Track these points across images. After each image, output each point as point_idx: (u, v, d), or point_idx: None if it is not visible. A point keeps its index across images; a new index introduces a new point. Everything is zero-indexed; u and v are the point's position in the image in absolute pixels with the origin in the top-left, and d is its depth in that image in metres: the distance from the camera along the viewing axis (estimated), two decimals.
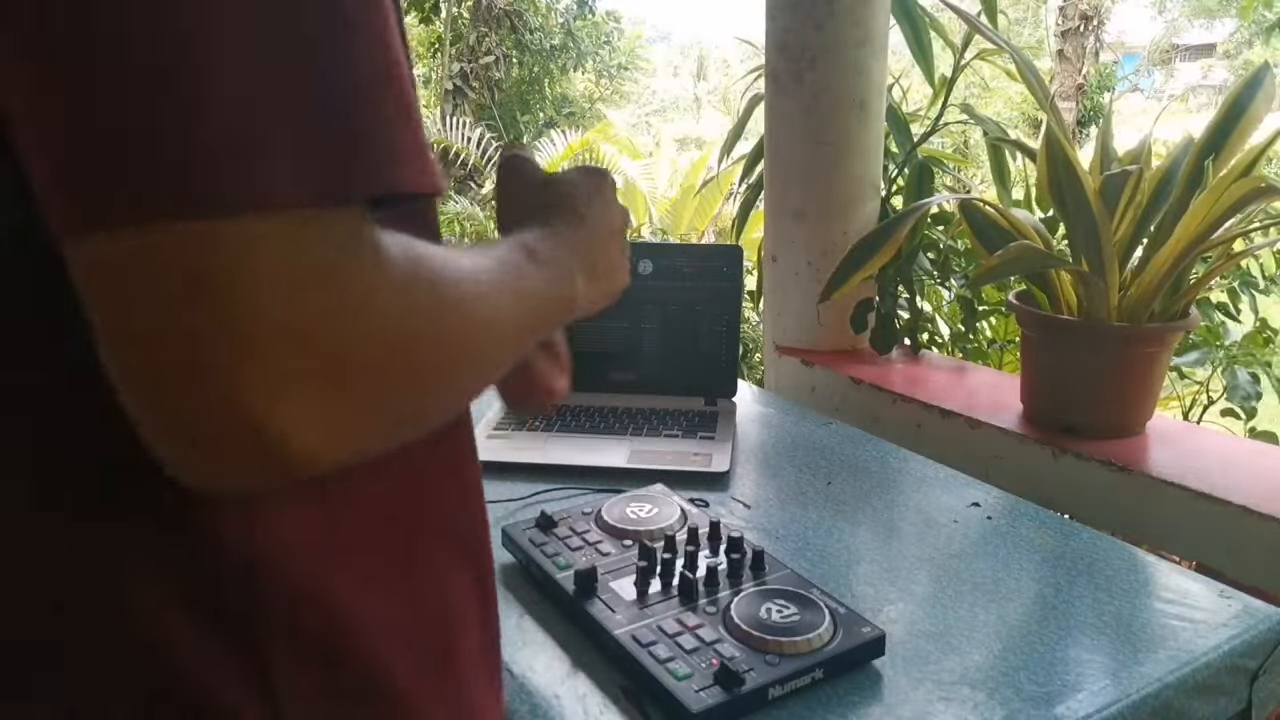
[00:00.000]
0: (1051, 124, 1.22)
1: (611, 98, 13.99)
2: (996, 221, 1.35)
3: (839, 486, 1.12)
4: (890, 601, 0.87)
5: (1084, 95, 10.70)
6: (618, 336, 1.38)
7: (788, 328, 1.73)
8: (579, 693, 0.75)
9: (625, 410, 1.30)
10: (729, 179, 5.01)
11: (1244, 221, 1.19)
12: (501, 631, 0.83)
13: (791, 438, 1.28)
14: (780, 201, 1.68)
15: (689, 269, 1.39)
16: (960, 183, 2.34)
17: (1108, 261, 1.19)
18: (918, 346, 1.72)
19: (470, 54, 9.94)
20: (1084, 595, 0.88)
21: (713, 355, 1.37)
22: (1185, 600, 0.86)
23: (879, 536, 1.02)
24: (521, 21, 10.51)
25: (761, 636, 0.76)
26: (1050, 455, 1.28)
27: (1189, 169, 1.24)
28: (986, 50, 1.65)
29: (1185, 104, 14.19)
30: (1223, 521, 1.10)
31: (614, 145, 7.22)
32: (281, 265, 0.33)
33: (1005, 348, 1.91)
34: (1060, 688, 0.74)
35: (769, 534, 1.00)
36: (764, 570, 0.86)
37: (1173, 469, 1.18)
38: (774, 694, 0.72)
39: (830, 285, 1.38)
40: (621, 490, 1.04)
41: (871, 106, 1.59)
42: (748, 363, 3.32)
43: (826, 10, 1.54)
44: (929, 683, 0.75)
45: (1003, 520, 1.03)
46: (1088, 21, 10.45)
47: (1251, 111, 1.23)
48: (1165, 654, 0.79)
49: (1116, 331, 1.24)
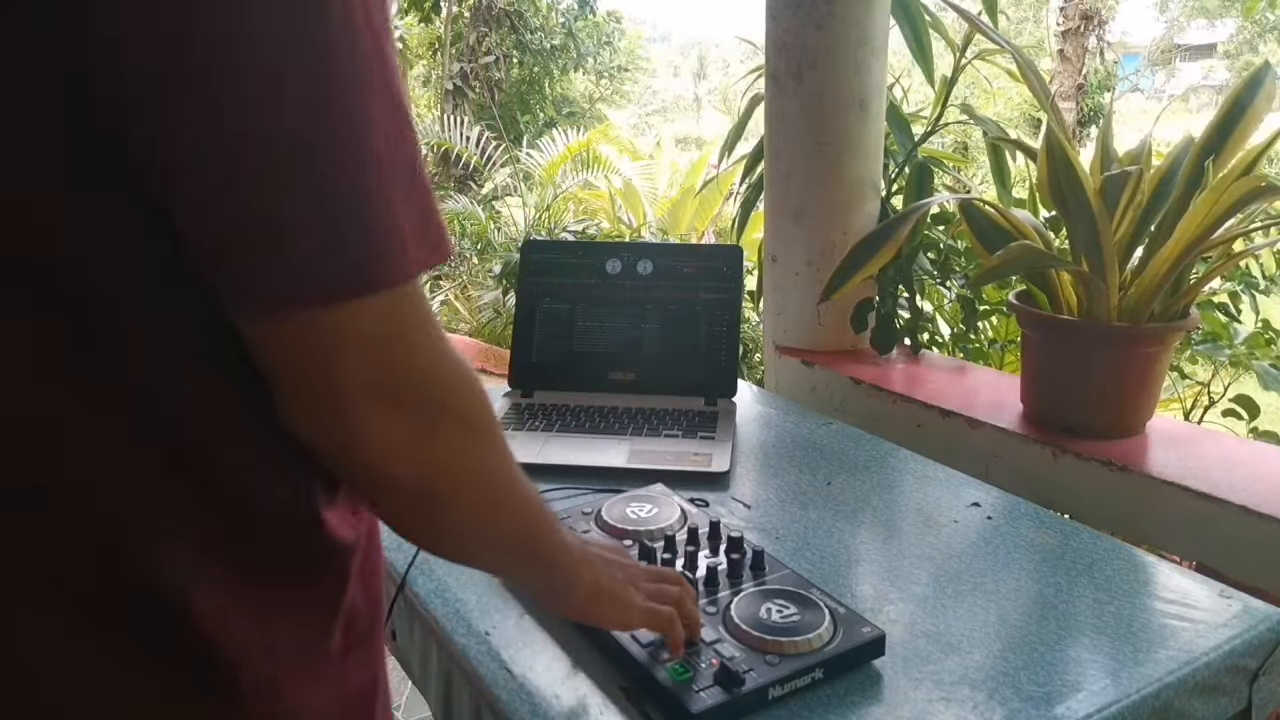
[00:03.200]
0: (1052, 124, 1.22)
1: (612, 98, 13.99)
2: (996, 221, 1.34)
3: (839, 486, 1.12)
4: (890, 601, 0.87)
5: (1084, 95, 10.69)
6: (618, 336, 1.38)
7: (788, 328, 1.73)
8: (579, 693, 0.75)
9: (625, 410, 1.30)
10: (729, 179, 5.01)
11: (1244, 221, 1.19)
12: (502, 631, 0.83)
13: (791, 438, 1.28)
14: (780, 201, 1.67)
15: (689, 269, 1.39)
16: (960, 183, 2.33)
17: (1108, 261, 1.19)
18: (918, 346, 1.72)
19: (470, 54, 9.94)
20: (1084, 595, 0.88)
21: (713, 355, 1.37)
22: (1185, 600, 0.86)
23: (879, 536, 1.02)
24: (522, 21, 10.50)
25: (761, 636, 0.76)
26: (1050, 455, 1.28)
27: (1189, 169, 1.24)
28: (987, 50, 1.65)
29: (1186, 104, 14.18)
30: (1223, 521, 1.10)
31: (614, 146, 7.22)
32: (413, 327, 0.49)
33: (1005, 348, 1.91)
34: (1060, 688, 0.74)
35: (769, 534, 1.00)
36: (764, 570, 0.85)
37: (1173, 469, 1.18)
38: (774, 694, 0.72)
39: (830, 285, 1.38)
40: (621, 490, 1.04)
41: (871, 106, 1.59)
42: (748, 363, 3.32)
43: (826, 10, 1.54)
44: (929, 683, 0.75)
45: (1003, 520, 1.03)
46: (1088, 21, 10.44)
47: (1252, 111, 1.23)
48: (1165, 654, 0.78)
49: (1116, 331, 1.24)
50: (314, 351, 0.46)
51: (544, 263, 1.42)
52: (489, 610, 0.86)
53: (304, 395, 0.48)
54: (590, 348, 1.37)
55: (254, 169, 0.43)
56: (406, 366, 0.49)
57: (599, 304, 1.39)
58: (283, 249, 0.44)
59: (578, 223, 5.46)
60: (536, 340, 1.39)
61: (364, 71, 0.44)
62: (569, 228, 5.21)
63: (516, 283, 1.52)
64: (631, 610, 0.72)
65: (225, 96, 0.42)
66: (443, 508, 0.55)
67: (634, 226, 6.10)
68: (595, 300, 1.39)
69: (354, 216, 0.44)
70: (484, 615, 0.85)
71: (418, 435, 0.50)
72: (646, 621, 0.73)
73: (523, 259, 1.43)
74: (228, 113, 0.42)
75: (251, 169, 0.43)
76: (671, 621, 0.73)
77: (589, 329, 1.38)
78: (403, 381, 0.49)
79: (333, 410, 0.48)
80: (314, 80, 0.43)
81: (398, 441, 0.50)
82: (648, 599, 0.73)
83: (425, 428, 0.51)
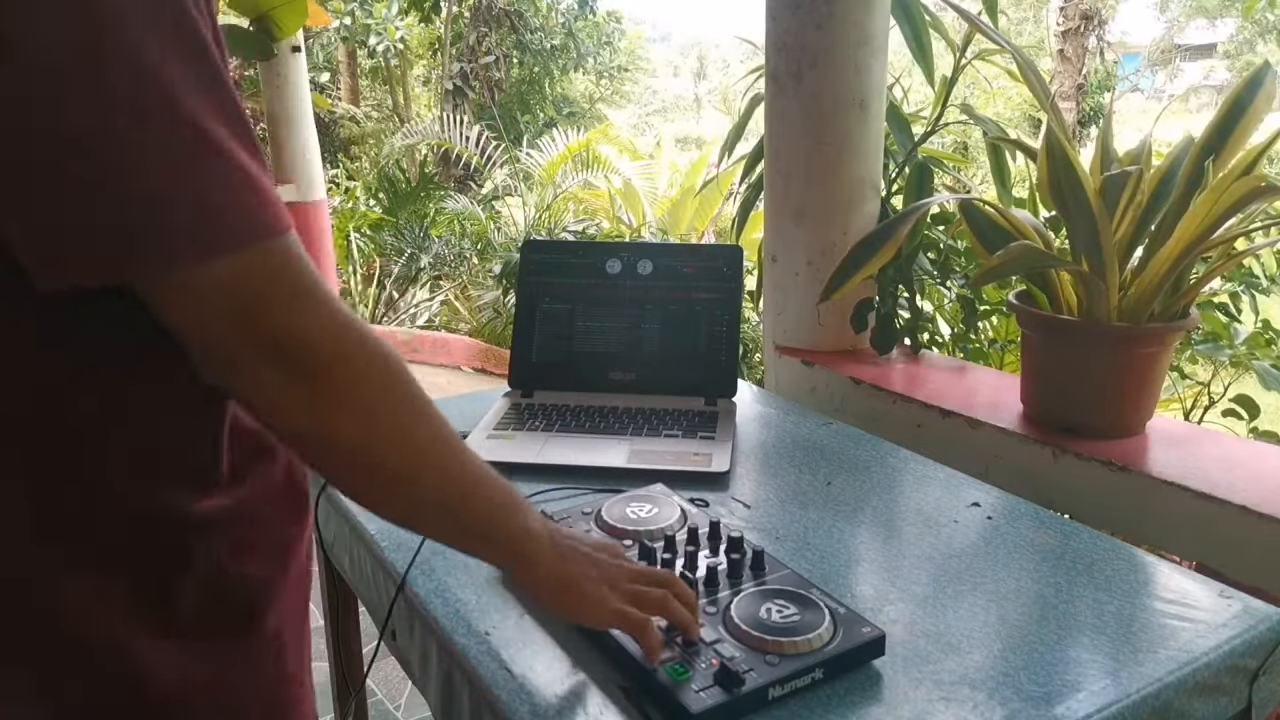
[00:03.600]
0: (1052, 124, 1.22)
1: (612, 98, 13.98)
2: (996, 221, 1.34)
3: (839, 486, 1.12)
4: (890, 601, 0.87)
5: (1084, 95, 10.68)
6: (618, 336, 1.38)
7: (788, 328, 1.73)
8: (579, 693, 0.75)
9: (625, 410, 1.30)
10: (729, 179, 5.01)
11: (1244, 221, 1.19)
12: (502, 631, 0.83)
13: (791, 438, 1.28)
14: (780, 201, 1.67)
15: (689, 269, 1.39)
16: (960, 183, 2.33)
17: (1108, 261, 1.19)
18: (918, 346, 1.72)
19: (470, 54, 9.94)
20: (1084, 595, 0.88)
21: (713, 355, 1.37)
22: (1185, 600, 0.86)
23: (879, 536, 1.02)
24: (522, 21, 10.50)
25: (761, 636, 0.76)
26: (1050, 455, 1.28)
27: (1189, 169, 1.24)
28: (987, 50, 1.65)
29: (1186, 104, 14.18)
30: (1223, 521, 1.10)
31: (614, 146, 7.22)
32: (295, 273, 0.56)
33: (1005, 348, 1.91)
34: (1060, 688, 0.74)
35: (769, 534, 1.00)
36: (764, 570, 0.85)
37: (1173, 469, 1.18)
38: (774, 694, 0.72)
39: (830, 285, 1.38)
40: (621, 490, 1.04)
41: (871, 106, 1.59)
42: (748, 363, 3.32)
43: (826, 10, 1.54)
44: (929, 683, 0.75)
45: (1003, 520, 1.03)
46: (1088, 21, 10.44)
47: (1252, 111, 1.23)
48: (1165, 654, 0.78)
49: (1116, 331, 1.24)
50: (191, 313, 0.53)
51: (544, 263, 1.42)
52: (489, 610, 0.86)
53: (208, 356, 0.56)
54: (590, 348, 1.37)
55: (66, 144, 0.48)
56: (277, 325, 0.54)
57: (599, 304, 1.39)
58: (121, 214, 0.50)
59: (578, 223, 5.46)
60: (536, 340, 1.39)
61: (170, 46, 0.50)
62: (569, 228, 5.21)
63: (516, 283, 1.52)
64: (603, 609, 0.73)
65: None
66: (350, 463, 0.60)
67: (634, 226, 6.10)
68: (595, 300, 1.39)
69: (188, 183, 0.51)
70: (484, 615, 0.85)
71: (312, 390, 0.56)
72: (617, 622, 0.73)
73: (523, 259, 1.43)
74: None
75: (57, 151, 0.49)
76: (643, 626, 0.73)
77: (589, 329, 1.38)
78: (280, 340, 0.55)
79: (231, 367, 0.55)
80: (125, 52, 0.48)
81: (291, 395, 0.56)
82: (625, 599, 0.73)
83: (318, 384, 0.56)
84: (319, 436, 0.58)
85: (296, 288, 0.55)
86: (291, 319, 0.55)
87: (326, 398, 0.57)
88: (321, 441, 0.58)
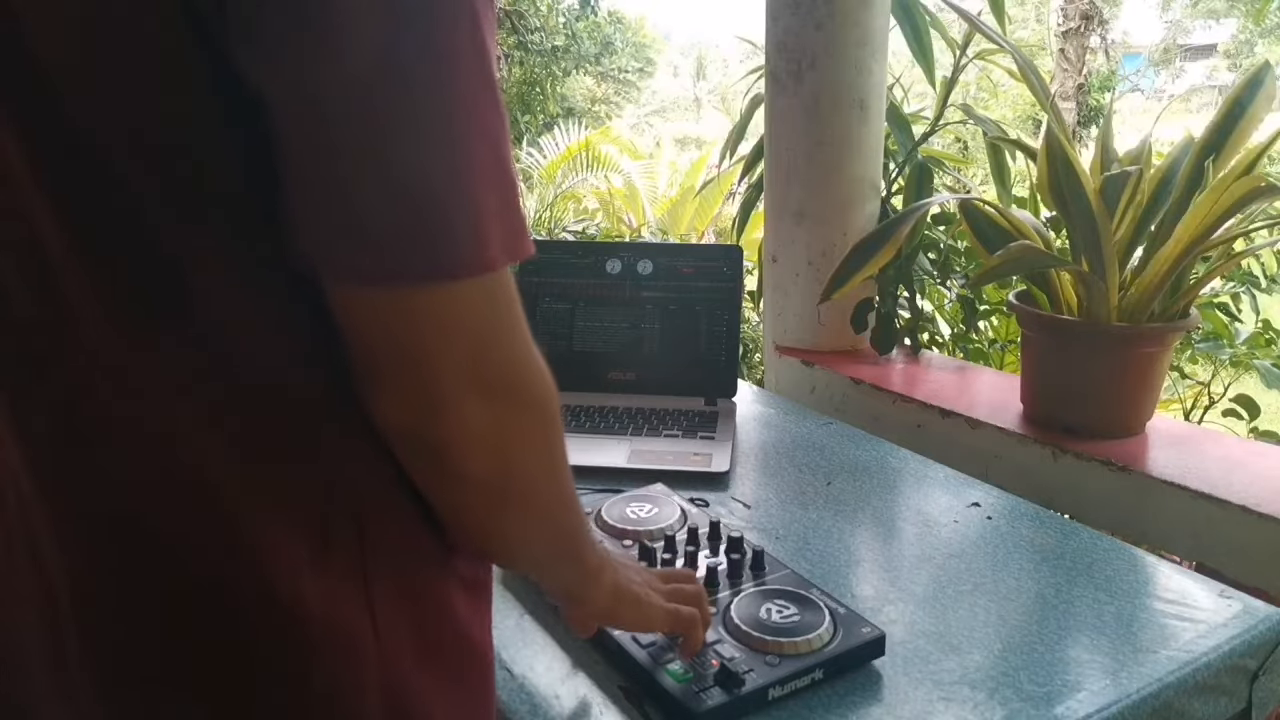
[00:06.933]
0: (1052, 124, 1.22)
1: (613, 99, 13.98)
2: (996, 221, 1.34)
3: (839, 486, 1.12)
4: (890, 601, 0.87)
5: (1085, 95, 10.68)
6: (618, 336, 1.38)
7: (788, 328, 1.73)
8: (579, 693, 0.75)
9: (625, 410, 1.30)
10: (729, 179, 5.01)
11: (1244, 221, 1.19)
12: (502, 632, 0.83)
13: (791, 438, 1.28)
14: (780, 202, 1.67)
15: (689, 269, 1.39)
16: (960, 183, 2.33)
17: (1108, 261, 1.19)
18: (918, 346, 1.72)
19: None
20: (1084, 595, 0.88)
21: (713, 355, 1.37)
22: (1185, 600, 0.86)
23: (879, 536, 1.02)
24: (522, 22, 10.50)
25: (761, 637, 0.76)
26: (1050, 455, 1.27)
27: (1189, 169, 1.24)
28: (987, 50, 1.65)
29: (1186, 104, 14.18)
30: (1223, 521, 1.10)
31: (615, 146, 7.22)
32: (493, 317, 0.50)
33: (1005, 348, 1.91)
34: (1060, 688, 0.74)
35: (769, 534, 1.00)
36: (764, 570, 0.85)
37: (1173, 469, 1.18)
38: (774, 694, 0.72)
39: (830, 285, 1.38)
40: (621, 490, 1.04)
41: (871, 106, 1.59)
42: (748, 363, 3.32)
43: (826, 10, 1.54)
44: (929, 683, 0.75)
45: (1003, 520, 1.03)
46: (1089, 21, 10.44)
47: (1252, 111, 1.23)
48: (1165, 654, 0.78)
49: (1116, 331, 1.24)
50: (415, 333, 0.47)
51: (544, 262, 1.42)
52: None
53: (400, 379, 0.48)
54: (590, 347, 1.37)
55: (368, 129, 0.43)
56: (500, 358, 0.50)
57: (599, 304, 1.39)
58: (383, 224, 0.44)
59: (578, 222, 5.46)
60: (536, 340, 1.38)
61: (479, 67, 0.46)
62: (569, 227, 5.21)
63: (516, 282, 1.52)
64: (654, 611, 0.71)
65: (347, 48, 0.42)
66: (507, 504, 0.54)
67: (634, 226, 6.10)
68: (595, 300, 1.39)
69: (457, 200, 0.45)
70: None
71: (502, 429, 0.50)
72: (669, 622, 0.72)
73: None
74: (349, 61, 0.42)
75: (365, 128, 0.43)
76: (693, 622, 0.73)
77: (589, 329, 1.38)
78: (496, 372, 0.50)
79: (427, 396, 0.48)
80: (435, 60, 0.44)
81: (483, 433, 0.50)
82: (666, 600, 0.73)
83: (510, 422, 0.51)
84: (496, 471, 0.52)
85: (520, 315, 0.51)
86: (514, 349, 0.51)
87: (518, 434, 0.52)
88: (497, 476, 0.52)
